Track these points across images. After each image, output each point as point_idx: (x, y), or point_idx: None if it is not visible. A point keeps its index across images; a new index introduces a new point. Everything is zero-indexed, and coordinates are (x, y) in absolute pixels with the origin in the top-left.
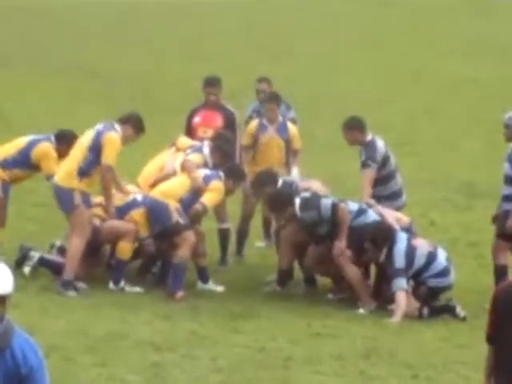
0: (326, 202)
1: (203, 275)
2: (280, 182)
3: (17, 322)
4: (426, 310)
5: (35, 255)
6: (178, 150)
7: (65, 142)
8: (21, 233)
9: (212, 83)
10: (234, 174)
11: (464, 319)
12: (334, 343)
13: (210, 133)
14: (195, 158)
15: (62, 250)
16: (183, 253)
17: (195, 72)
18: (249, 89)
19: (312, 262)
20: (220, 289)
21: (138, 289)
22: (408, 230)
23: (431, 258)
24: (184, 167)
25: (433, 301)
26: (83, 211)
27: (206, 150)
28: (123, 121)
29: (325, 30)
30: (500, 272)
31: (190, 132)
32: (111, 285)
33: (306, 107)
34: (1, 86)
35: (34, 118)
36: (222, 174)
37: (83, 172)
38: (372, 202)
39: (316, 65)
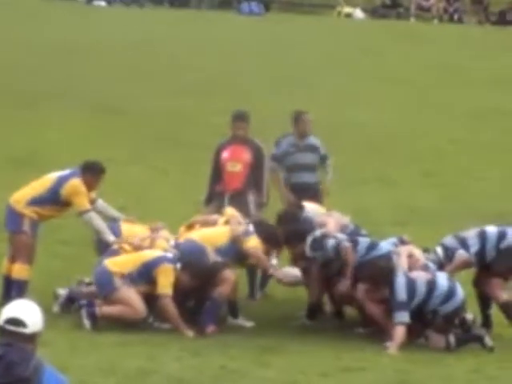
0: (331, 243)
1: (234, 310)
2: (301, 218)
3: (47, 359)
4: (452, 339)
5: (62, 293)
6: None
7: (91, 173)
8: (48, 270)
9: (241, 118)
10: (271, 242)
11: (492, 349)
12: (364, 376)
13: (238, 167)
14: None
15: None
16: (224, 290)
17: (218, 108)
18: (273, 123)
19: (341, 295)
20: (249, 324)
21: (166, 325)
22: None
23: (432, 285)
24: (228, 221)
25: (455, 327)
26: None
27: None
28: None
29: (350, 63)
30: (507, 307)
31: (218, 167)
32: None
33: (329, 140)
34: (28, 124)
35: (60, 155)
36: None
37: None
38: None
39: (340, 98)
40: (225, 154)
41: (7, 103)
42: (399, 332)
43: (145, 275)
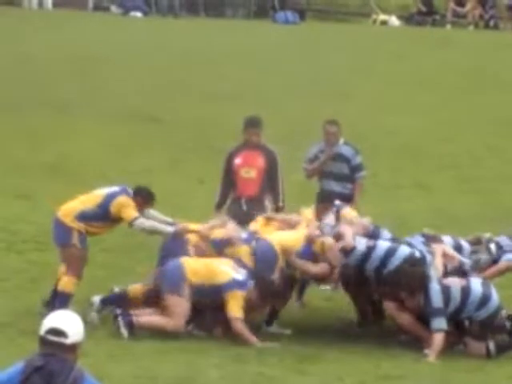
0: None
1: (271, 318)
2: None
3: (85, 368)
4: (492, 345)
5: (96, 300)
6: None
7: (141, 196)
8: (89, 278)
9: (254, 123)
10: None
11: None
12: None
13: (253, 173)
14: None
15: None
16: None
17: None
18: (307, 130)
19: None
20: (287, 331)
21: (203, 333)
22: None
23: (466, 292)
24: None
25: (493, 333)
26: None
27: None
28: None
29: (384, 70)
30: None
31: (230, 173)
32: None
33: (365, 147)
34: (63, 133)
35: (95, 164)
36: None
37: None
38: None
39: (375, 104)
40: (237, 161)
41: (43, 111)
42: (438, 339)
43: (212, 295)
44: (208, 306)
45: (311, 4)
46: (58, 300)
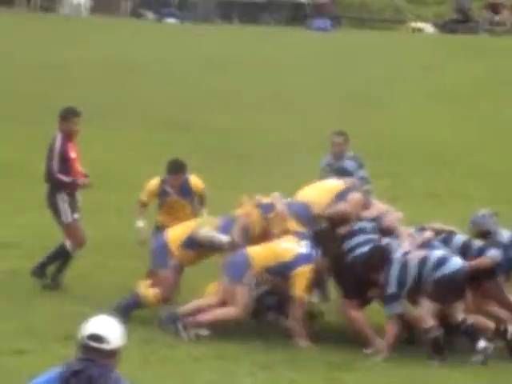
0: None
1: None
2: None
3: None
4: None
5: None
6: None
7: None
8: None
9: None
10: None
11: None
12: None
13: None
14: None
15: None
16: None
17: (282, 124)
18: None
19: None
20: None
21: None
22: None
23: (423, 261)
24: None
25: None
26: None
27: None
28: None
29: (416, 78)
30: None
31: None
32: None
33: (396, 155)
34: (97, 139)
35: (126, 170)
36: None
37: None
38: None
39: (407, 113)
40: None
41: (83, 120)
42: (390, 328)
43: (279, 274)
44: (284, 287)
45: (345, 11)
46: (132, 298)
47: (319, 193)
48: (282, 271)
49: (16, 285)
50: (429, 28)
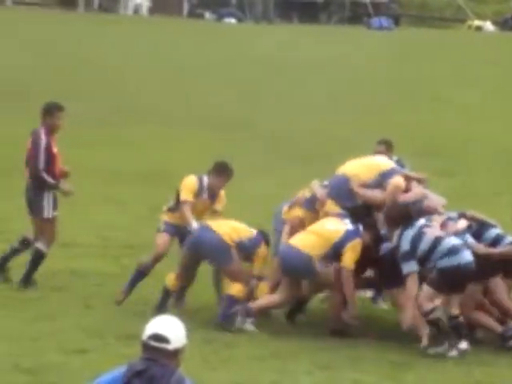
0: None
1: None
2: None
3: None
4: (440, 313)
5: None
6: None
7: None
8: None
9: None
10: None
11: None
12: None
13: None
14: None
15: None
16: None
17: (344, 123)
18: (399, 138)
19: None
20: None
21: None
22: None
23: (438, 241)
24: None
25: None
26: None
27: None
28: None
29: (478, 76)
30: None
31: None
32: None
33: (458, 154)
34: (163, 140)
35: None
36: None
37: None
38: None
39: (470, 111)
40: None
41: (141, 120)
42: (410, 284)
43: (332, 255)
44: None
45: (406, 9)
46: (228, 301)
47: (362, 168)
48: (336, 252)
49: (75, 284)
50: (488, 26)
